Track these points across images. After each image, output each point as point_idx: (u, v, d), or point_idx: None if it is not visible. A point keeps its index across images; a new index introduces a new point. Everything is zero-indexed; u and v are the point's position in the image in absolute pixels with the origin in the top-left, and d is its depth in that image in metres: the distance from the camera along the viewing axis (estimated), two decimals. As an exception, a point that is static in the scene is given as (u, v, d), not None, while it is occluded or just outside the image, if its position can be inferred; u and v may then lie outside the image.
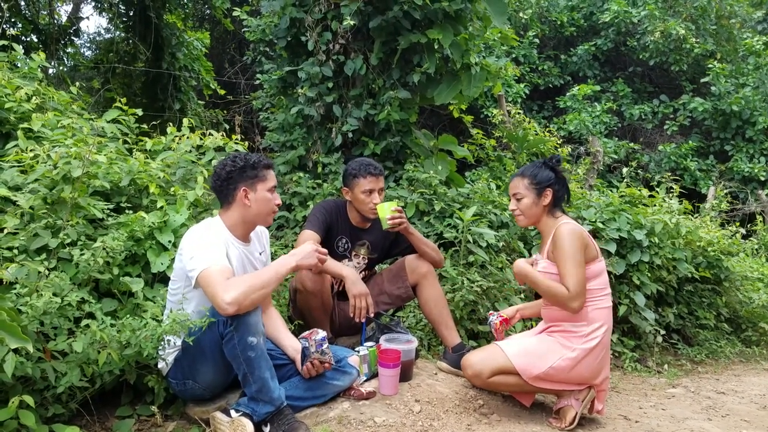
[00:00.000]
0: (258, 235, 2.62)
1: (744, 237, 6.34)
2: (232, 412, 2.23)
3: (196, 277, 2.17)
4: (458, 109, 6.34)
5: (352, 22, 4.73)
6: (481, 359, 2.67)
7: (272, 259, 2.67)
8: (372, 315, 2.82)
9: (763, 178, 9.92)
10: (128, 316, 2.14)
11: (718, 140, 10.75)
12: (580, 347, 2.60)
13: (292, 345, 2.55)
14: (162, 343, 2.14)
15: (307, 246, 2.34)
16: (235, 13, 6.33)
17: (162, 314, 2.35)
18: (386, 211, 2.87)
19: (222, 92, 9.48)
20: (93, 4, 9.22)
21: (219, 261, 2.20)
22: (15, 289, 2.05)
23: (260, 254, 2.57)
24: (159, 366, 2.36)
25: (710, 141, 10.87)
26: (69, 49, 9.23)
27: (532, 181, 2.74)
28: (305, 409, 2.46)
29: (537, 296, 3.09)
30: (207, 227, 2.37)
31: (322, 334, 2.46)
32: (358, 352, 2.80)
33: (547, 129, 7.97)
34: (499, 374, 2.63)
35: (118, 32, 9.30)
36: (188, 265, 2.22)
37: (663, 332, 4.47)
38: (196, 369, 2.28)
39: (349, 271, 2.83)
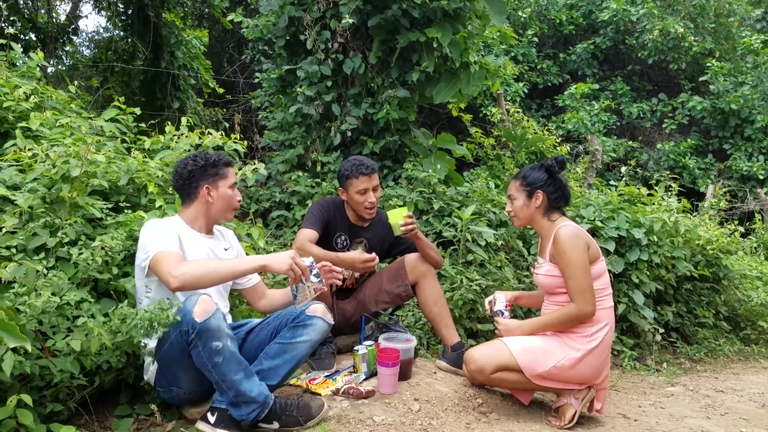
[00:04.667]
0: (222, 233, 2.63)
1: (743, 235, 6.35)
2: (209, 416, 2.21)
3: (149, 264, 2.19)
4: (457, 108, 6.34)
5: (350, 21, 4.72)
6: (484, 354, 2.67)
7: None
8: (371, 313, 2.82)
9: (761, 177, 9.93)
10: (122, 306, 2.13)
11: (716, 139, 10.76)
12: (584, 347, 2.60)
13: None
14: (151, 331, 2.12)
15: (289, 252, 2.27)
16: (230, 17, 6.28)
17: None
18: (398, 218, 2.88)
19: (221, 91, 9.46)
20: (92, 2, 9.19)
21: (170, 246, 2.21)
22: (13, 288, 2.05)
23: (226, 250, 2.57)
24: (146, 377, 2.36)
25: (709, 139, 10.88)
26: (67, 48, 9.21)
27: (522, 183, 2.73)
28: (285, 379, 2.43)
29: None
30: (161, 220, 2.40)
31: (308, 259, 2.35)
32: (357, 351, 2.80)
33: (545, 128, 7.96)
34: (502, 371, 2.62)
35: (116, 31, 9.28)
36: (141, 255, 2.24)
37: (662, 331, 4.48)
38: (176, 377, 2.27)
39: (347, 254, 2.88)
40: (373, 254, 2.86)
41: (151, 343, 2.24)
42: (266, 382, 2.29)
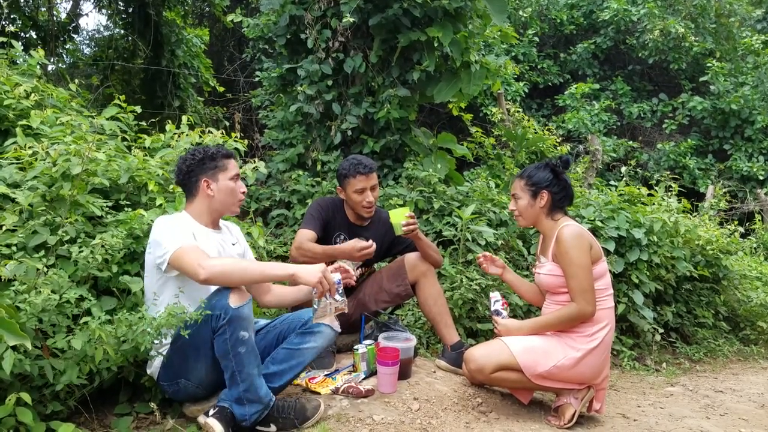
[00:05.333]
0: (229, 228, 2.63)
1: (742, 236, 6.35)
2: (210, 411, 2.21)
3: (168, 260, 2.17)
4: (457, 108, 6.34)
5: (351, 20, 4.72)
6: (484, 354, 2.66)
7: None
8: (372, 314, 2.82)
9: (761, 177, 9.94)
10: (125, 311, 2.13)
11: (717, 139, 10.76)
12: (584, 347, 2.60)
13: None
14: (159, 337, 2.13)
15: (320, 265, 2.26)
16: (230, 17, 6.25)
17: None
18: (400, 217, 2.88)
19: (221, 90, 9.46)
20: (92, 0, 9.20)
21: (189, 241, 2.21)
22: (13, 286, 2.04)
23: (233, 245, 2.57)
24: (149, 372, 2.35)
25: (709, 140, 10.88)
26: (68, 46, 9.22)
27: (527, 182, 2.73)
28: (289, 383, 2.44)
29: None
30: (172, 217, 2.40)
31: (337, 276, 2.34)
32: (357, 350, 2.80)
33: (546, 127, 7.96)
34: (502, 370, 2.62)
35: (117, 29, 9.29)
36: (157, 252, 2.22)
37: (661, 331, 4.48)
38: (188, 366, 2.26)
39: (344, 244, 2.90)
40: (370, 241, 2.85)
41: (164, 341, 2.24)
42: (271, 385, 2.31)
